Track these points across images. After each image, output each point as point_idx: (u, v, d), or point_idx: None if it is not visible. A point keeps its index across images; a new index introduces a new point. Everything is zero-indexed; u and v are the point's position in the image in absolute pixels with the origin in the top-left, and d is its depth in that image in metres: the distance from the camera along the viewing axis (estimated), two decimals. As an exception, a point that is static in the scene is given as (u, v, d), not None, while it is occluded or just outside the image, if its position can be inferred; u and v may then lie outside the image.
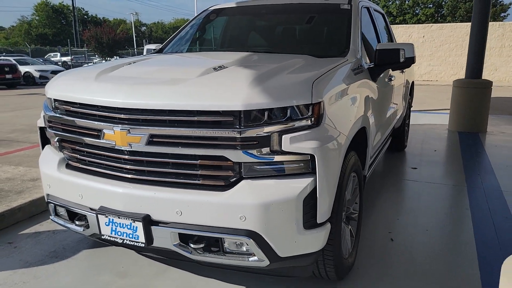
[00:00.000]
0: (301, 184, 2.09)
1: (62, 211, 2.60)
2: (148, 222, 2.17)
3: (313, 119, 2.12)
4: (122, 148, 2.22)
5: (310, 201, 2.12)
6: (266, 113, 2.06)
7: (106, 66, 2.69)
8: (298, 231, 2.12)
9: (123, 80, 2.34)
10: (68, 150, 2.54)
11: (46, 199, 2.62)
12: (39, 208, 3.76)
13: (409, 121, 6.35)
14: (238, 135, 2.03)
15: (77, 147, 2.48)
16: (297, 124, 2.09)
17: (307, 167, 2.12)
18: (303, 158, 2.09)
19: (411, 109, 6.86)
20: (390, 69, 3.84)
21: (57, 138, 2.55)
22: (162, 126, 2.12)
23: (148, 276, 2.76)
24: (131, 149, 2.20)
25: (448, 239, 3.28)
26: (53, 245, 3.19)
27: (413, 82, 6.07)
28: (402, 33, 20.99)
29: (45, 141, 2.79)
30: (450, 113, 7.80)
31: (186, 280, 2.70)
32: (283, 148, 2.06)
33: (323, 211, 2.18)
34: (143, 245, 2.22)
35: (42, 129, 2.76)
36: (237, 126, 2.03)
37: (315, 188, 2.11)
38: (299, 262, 2.26)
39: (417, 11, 45.42)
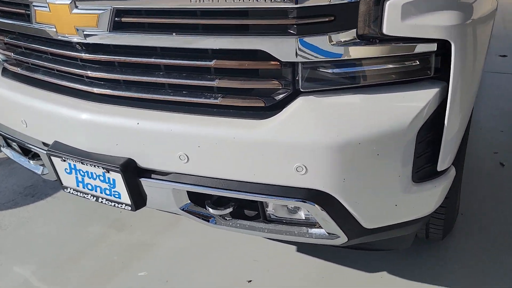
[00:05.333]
0: (417, 103, 1.06)
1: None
2: (133, 171, 1.24)
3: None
4: (73, 39, 1.20)
5: (428, 133, 1.11)
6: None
7: None
8: (403, 188, 1.15)
9: None
10: (1, 46, 1.54)
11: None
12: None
13: None
14: (293, 5, 0.96)
15: (12, 41, 1.46)
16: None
17: (428, 68, 1.07)
18: (425, 49, 1.03)
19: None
20: None
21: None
22: (137, -9, 1.06)
23: (152, 231, 1.92)
24: (86, 41, 1.17)
25: None
26: (29, 178, 2.36)
27: None
28: None
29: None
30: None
31: (197, 239, 1.84)
32: (384, 30, 1.00)
33: (450, 148, 1.17)
34: (130, 208, 1.31)
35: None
36: (291, -14, 0.95)
37: (440, 109, 1.09)
38: (395, 232, 1.32)
39: None
